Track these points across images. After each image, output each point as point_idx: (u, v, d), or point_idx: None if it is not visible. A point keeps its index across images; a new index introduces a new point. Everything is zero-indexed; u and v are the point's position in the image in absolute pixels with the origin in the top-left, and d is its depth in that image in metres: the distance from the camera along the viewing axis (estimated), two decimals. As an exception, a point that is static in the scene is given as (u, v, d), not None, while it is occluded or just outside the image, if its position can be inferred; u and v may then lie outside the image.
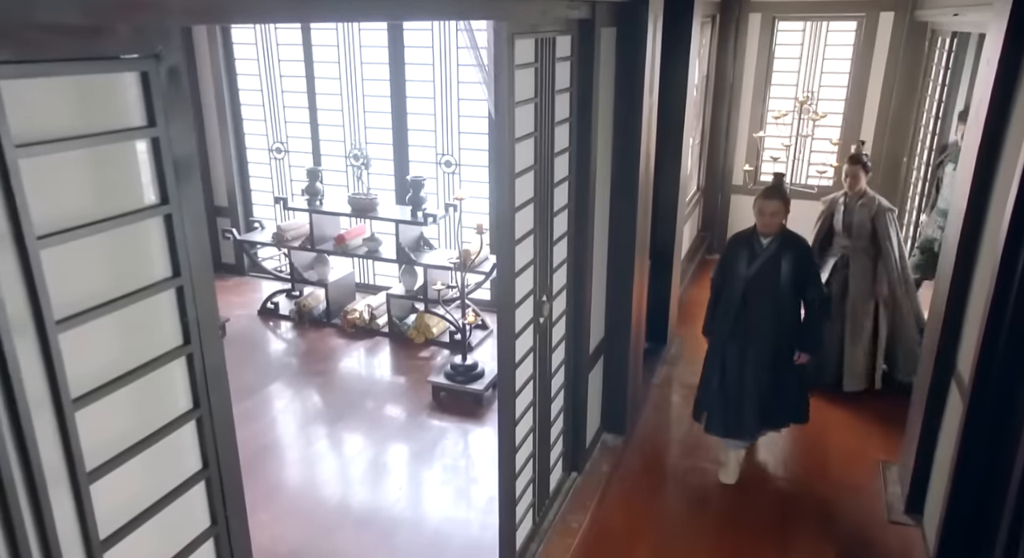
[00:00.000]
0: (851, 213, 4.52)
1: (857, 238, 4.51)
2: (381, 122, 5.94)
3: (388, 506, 3.75)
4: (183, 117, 1.23)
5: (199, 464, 1.35)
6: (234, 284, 6.63)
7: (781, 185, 4.50)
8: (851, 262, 4.57)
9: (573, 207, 3.33)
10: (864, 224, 4.46)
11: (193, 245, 1.28)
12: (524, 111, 2.70)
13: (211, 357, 1.32)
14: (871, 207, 4.46)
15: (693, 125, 5.80)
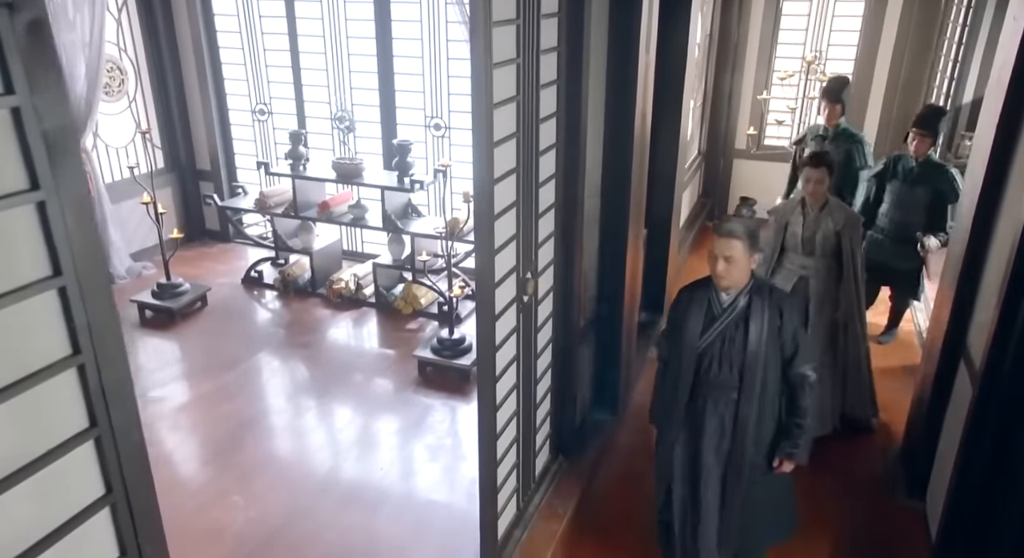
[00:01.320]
0: (812, 225, 3.66)
1: (820, 256, 3.68)
2: (367, 82, 5.67)
3: (370, 486, 3.61)
4: (51, 81, 1.01)
5: (101, 489, 1.17)
6: (218, 251, 6.43)
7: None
8: (811, 286, 3.72)
9: (561, 177, 3.10)
10: (828, 239, 3.63)
11: (76, 236, 1.08)
12: (504, 73, 2.46)
13: (110, 367, 1.13)
14: (837, 218, 3.62)
15: (694, 87, 5.53)
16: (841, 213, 3.65)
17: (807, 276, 3.73)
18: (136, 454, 1.18)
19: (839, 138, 4.74)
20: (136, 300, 5.17)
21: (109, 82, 5.65)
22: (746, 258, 2.46)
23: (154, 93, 6.05)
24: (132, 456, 1.18)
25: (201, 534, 3.25)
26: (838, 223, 3.62)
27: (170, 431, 4.05)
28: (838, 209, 3.66)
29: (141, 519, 1.20)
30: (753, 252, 2.48)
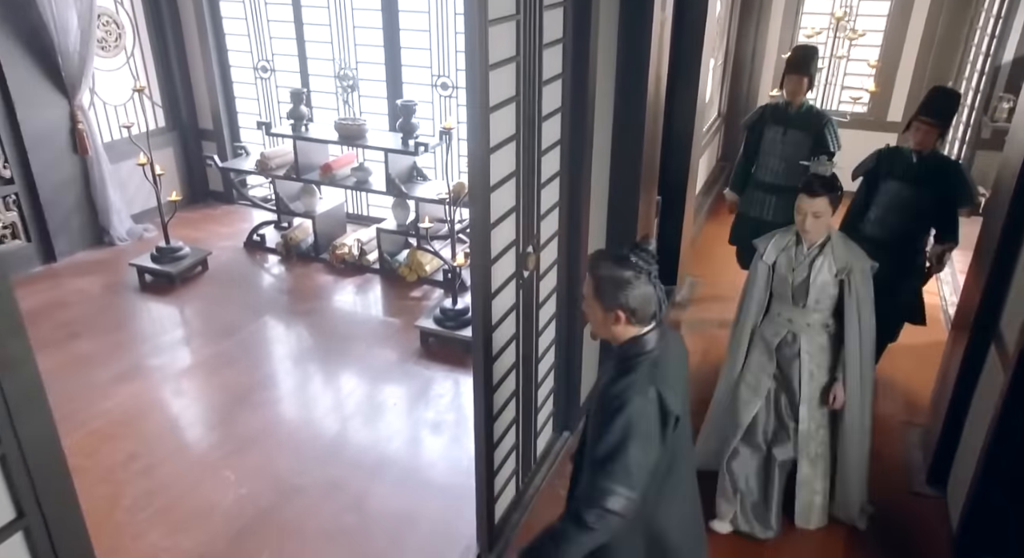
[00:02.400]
0: (805, 267, 2.77)
1: (813, 310, 2.81)
2: (372, 39, 5.42)
3: (365, 464, 3.50)
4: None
5: (11, 513, 1.03)
6: (222, 213, 6.28)
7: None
8: (800, 347, 2.87)
9: (566, 144, 2.90)
10: (826, 288, 2.76)
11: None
12: (502, 31, 2.24)
13: (14, 372, 0.98)
14: (840, 259, 2.73)
15: (715, 45, 5.22)
16: (846, 253, 2.74)
17: (794, 333, 2.87)
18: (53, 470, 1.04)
19: (805, 118, 4.05)
20: (135, 264, 5.05)
21: (105, 37, 5.45)
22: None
23: (153, 48, 5.84)
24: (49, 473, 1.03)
25: (191, 511, 3.17)
26: (841, 267, 2.73)
27: (166, 400, 3.96)
28: (842, 248, 2.75)
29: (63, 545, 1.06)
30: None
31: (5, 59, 4.79)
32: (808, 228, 2.70)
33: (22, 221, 5.11)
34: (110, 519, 3.11)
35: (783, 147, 4.10)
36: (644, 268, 1.75)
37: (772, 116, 4.14)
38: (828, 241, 2.76)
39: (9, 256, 5.06)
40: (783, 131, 4.09)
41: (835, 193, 2.67)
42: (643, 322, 1.79)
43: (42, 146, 5.08)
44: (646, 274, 1.76)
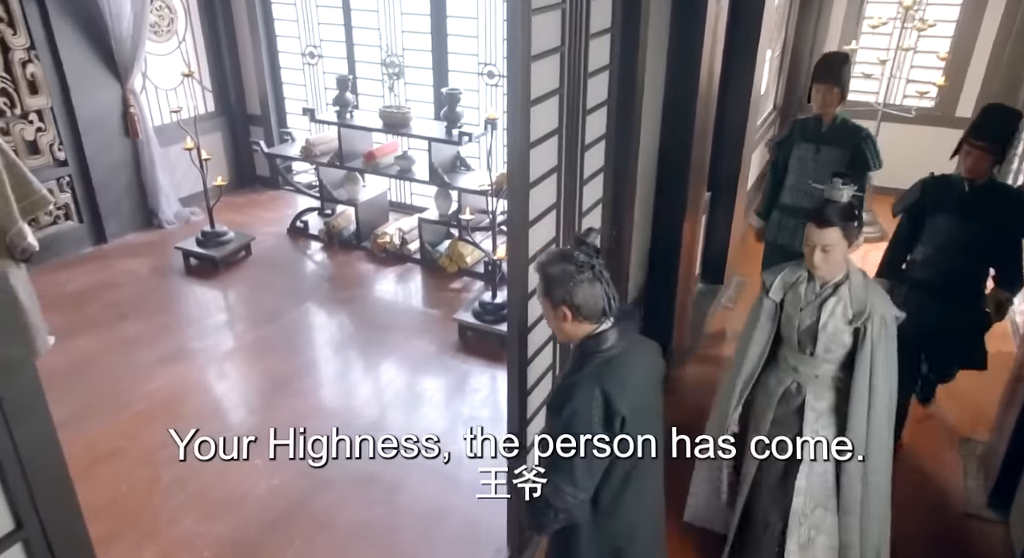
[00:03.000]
0: (815, 308, 2.37)
1: (822, 360, 2.40)
2: (419, 25, 5.35)
3: (394, 460, 3.45)
4: None
5: (9, 524, 0.99)
6: (267, 198, 6.33)
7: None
8: (804, 401, 2.45)
9: (612, 138, 2.78)
10: (837, 336, 2.34)
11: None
12: (547, 20, 2.14)
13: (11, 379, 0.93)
14: (860, 300, 2.31)
15: (773, 36, 5.02)
16: (865, 296, 2.30)
17: (800, 384, 2.44)
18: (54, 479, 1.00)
19: (840, 133, 3.56)
20: (181, 247, 5.11)
21: (158, 21, 5.50)
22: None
23: (204, 33, 5.89)
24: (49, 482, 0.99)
25: (225, 497, 3.18)
26: (858, 312, 2.30)
27: (207, 384, 4.00)
28: (862, 290, 2.31)
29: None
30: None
31: (62, 45, 4.88)
32: (817, 264, 2.27)
33: (75, 203, 5.22)
34: (148, 503, 3.14)
35: (816, 166, 3.53)
36: (586, 262, 1.71)
37: (802, 133, 3.63)
38: (846, 281, 2.33)
39: (62, 237, 5.18)
40: (815, 149, 3.56)
41: (850, 223, 2.25)
42: (592, 319, 1.75)
43: (95, 130, 5.16)
44: (589, 268, 1.71)
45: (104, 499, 3.15)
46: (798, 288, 2.39)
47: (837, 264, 2.29)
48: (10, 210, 3.64)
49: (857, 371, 2.32)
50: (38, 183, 3.81)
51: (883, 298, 2.34)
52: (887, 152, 3.63)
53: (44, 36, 4.81)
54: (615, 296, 1.76)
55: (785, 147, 3.70)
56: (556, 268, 1.74)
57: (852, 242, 2.28)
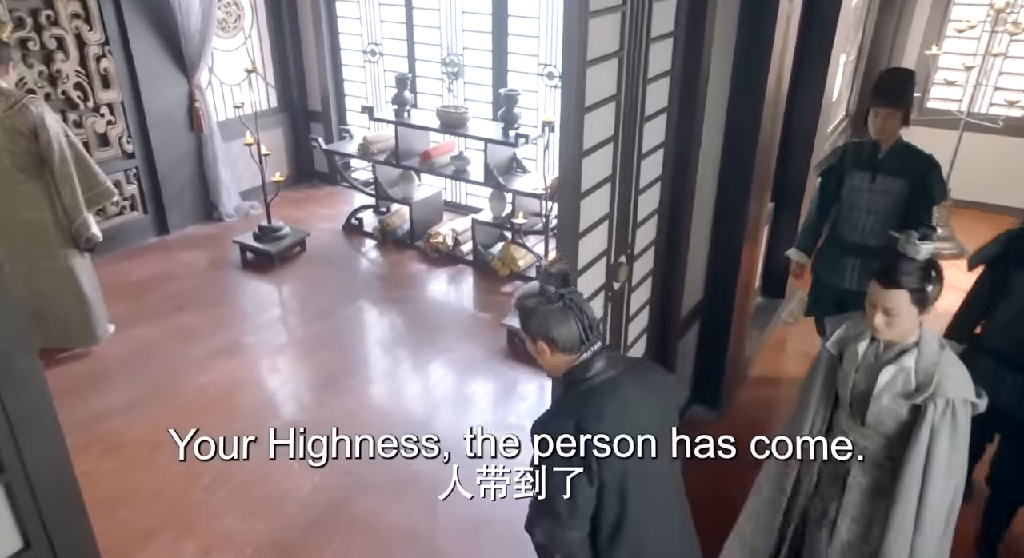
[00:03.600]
0: (872, 371, 2.03)
1: (874, 432, 2.06)
2: (480, 24, 5.30)
3: (435, 466, 3.40)
4: None
5: (18, 543, 0.96)
6: (325, 194, 6.38)
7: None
8: (849, 474, 2.13)
9: (671, 146, 2.66)
10: (893, 410, 1.99)
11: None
12: (605, 23, 2.05)
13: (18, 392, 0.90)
14: (927, 373, 1.94)
15: (848, 38, 4.78)
16: (935, 371, 1.92)
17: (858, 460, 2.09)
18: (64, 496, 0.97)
19: (901, 161, 3.08)
20: (238, 241, 5.19)
21: (225, 18, 5.60)
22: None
23: (269, 30, 5.97)
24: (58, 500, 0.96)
25: (266, 495, 3.19)
26: (922, 384, 1.93)
27: (257, 379, 4.03)
28: (932, 361, 1.94)
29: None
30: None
31: (134, 40, 5.01)
32: (878, 327, 1.92)
33: (140, 194, 5.35)
34: (189, 497, 3.17)
35: (871, 197, 3.15)
36: (554, 294, 1.66)
37: (855, 159, 3.19)
38: (914, 348, 1.96)
39: (128, 227, 5.32)
40: (870, 178, 3.13)
41: (922, 289, 1.86)
42: (570, 351, 1.68)
43: (162, 123, 5.29)
44: (558, 299, 1.66)
45: (148, 491, 3.20)
46: (857, 345, 2.06)
47: (904, 330, 1.94)
48: (76, 201, 3.74)
49: (908, 458, 1.93)
50: (103, 175, 3.91)
51: (958, 376, 1.95)
52: (970, 164, 3.38)
53: (118, 32, 4.94)
54: (592, 323, 1.69)
55: (834, 175, 3.26)
56: (530, 302, 1.70)
57: (926, 308, 1.92)
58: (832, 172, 3.28)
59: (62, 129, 3.70)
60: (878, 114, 3.00)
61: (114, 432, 3.55)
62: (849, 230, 3.24)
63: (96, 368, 4.02)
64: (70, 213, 3.74)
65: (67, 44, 4.73)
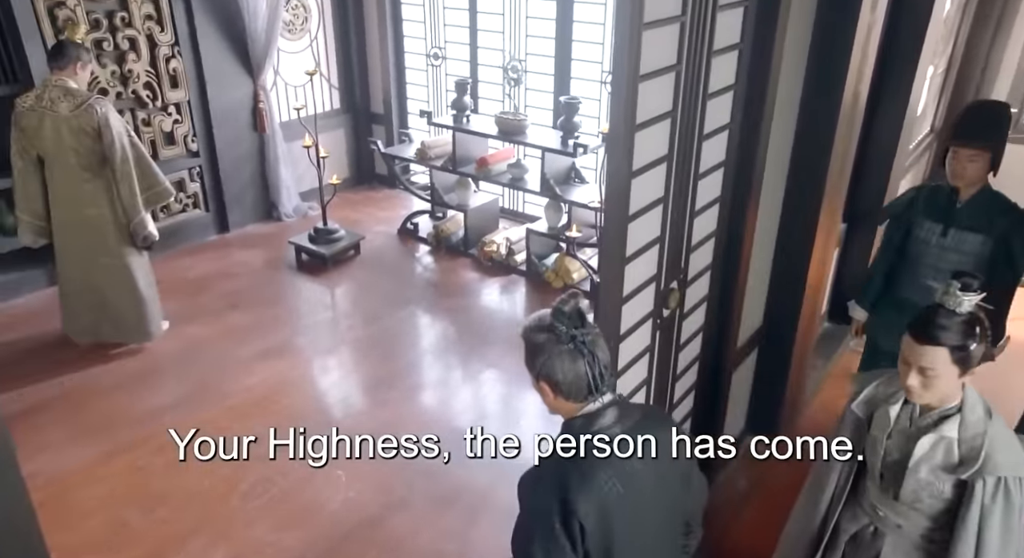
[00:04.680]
0: (907, 439, 1.78)
1: (910, 507, 1.81)
2: (544, 29, 5.18)
3: (476, 485, 3.30)
4: None
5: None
6: (383, 197, 6.37)
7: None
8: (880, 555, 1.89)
9: (731, 166, 2.49)
10: (934, 484, 1.73)
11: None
12: (660, 35, 1.90)
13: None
14: (973, 444, 1.69)
15: (937, 49, 4.45)
16: (983, 442, 1.67)
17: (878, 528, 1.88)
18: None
19: (984, 213, 2.60)
20: (293, 242, 5.21)
21: (292, 20, 5.65)
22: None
23: (335, 32, 6.00)
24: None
25: (300, 507, 3.15)
26: (967, 457, 1.68)
27: (302, 383, 4.01)
28: (979, 432, 1.69)
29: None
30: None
31: (203, 41, 5.09)
32: (912, 387, 1.68)
33: (203, 192, 5.44)
34: (226, 503, 3.16)
35: (939, 254, 2.68)
36: (564, 333, 1.45)
37: (927, 206, 2.73)
38: (956, 413, 1.71)
39: (189, 224, 5.42)
40: (942, 229, 2.66)
41: (964, 346, 1.62)
42: (575, 398, 1.51)
43: (226, 123, 5.36)
44: (569, 340, 1.45)
45: (187, 493, 3.20)
46: (889, 407, 1.79)
47: (942, 394, 1.69)
48: (134, 200, 3.80)
49: (956, 542, 1.69)
50: (162, 176, 3.96)
51: (1011, 449, 1.68)
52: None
53: (187, 33, 5.03)
54: (604, 372, 1.49)
55: (902, 221, 2.81)
56: (538, 337, 1.50)
57: (968, 369, 1.66)
58: (899, 220, 2.82)
59: (125, 129, 3.76)
60: (959, 155, 2.53)
61: (163, 430, 3.57)
62: (911, 289, 2.75)
63: (148, 364, 4.08)
64: (128, 212, 3.80)
65: (139, 45, 4.83)
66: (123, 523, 3.06)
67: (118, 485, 3.25)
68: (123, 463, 3.37)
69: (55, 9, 4.38)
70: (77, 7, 4.46)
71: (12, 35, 4.26)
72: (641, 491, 1.49)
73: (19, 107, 3.65)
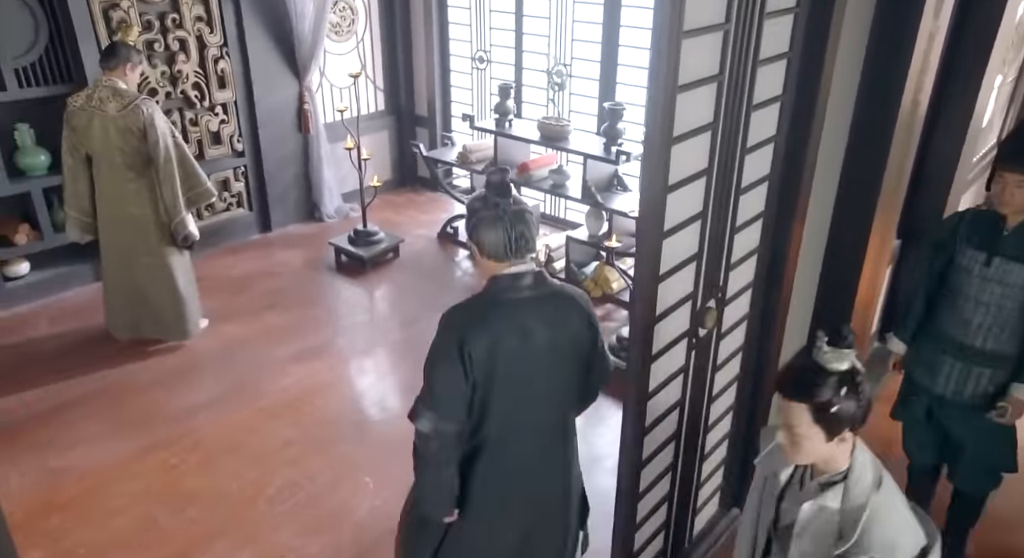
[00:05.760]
0: (796, 505, 1.66)
1: None
2: (590, 34, 5.08)
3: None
4: None
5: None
6: (425, 199, 6.36)
7: None
8: None
9: (776, 179, 2.37)
10: (821, 550, 1.60)
11: None
12: (701, 43, 1.80)
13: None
14: (852, 518, 1.55)
15: (1006, 58, 4.22)
16: (862, 517, 1.53)
17: None
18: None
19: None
20: (333, 243, 5.22)
21: (339, 22, 5.67)
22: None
23: (381, 34, 6.00)
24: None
25: (326, 513, 3.12)
26: (846, 532, 1.54)
27: (334, 387, 4.00)
28: (861, 504, 1.55)
29: None
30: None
31: (251, 43, 5.14)
32: (784, 446, 1.58)
33: (247, 192, 5.50)
34: (253, 507, 3.15)
35: (981, 285, 2.43)
36: (489, 201, 1.79)
37: (970, 232, 2.47)
38: (842, 481, 1.58)
39: (233, 223, 5.48)
40: (986, 258, 2.41)
41: (825, 406, 1.49)
42: (496, 258, 1.81)
43: (271, 124, 5.41)
44: (493, 207, 1.78)
45: (217, 493, 3.21)
46: (781, 468, 1.68)
47: (815, 455, 1.56)
48: (176, 200, 3.84)
49: None
50: (204, 176, 4.00)
51: (889, 525, 1.52)
52: None
53: (236, 34, 5.08)
54: (520, 238, 1.78)
55: (945, 248, 2.56)
56: (474, 204, 1.84)
57: (834, 432, 1.51)
58: (942, 247, 2.58)
59: (170, 130, 3.80)
60: (1006, 180, 2.29)
61: (197, 428, 3.61)
62: (951, 322, 2.54)
63: (186, 362, 4.12)
64: (170, 211, 3.84)
65: (189, 46, 4.90)
66: (152, 521, 3.08)
67: (151, 482, 3.28)
68: (156, 460, 3.41)
69: (110, 11, 4.47)
70: (131, 9, 4.55)
71: (69, 37, 4.36)
72: (532, 348, 1.81)
73: (70, 106, 3.72)
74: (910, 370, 2.75)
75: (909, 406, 2.78)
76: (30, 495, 3.18)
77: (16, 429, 3.57)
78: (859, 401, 1.51)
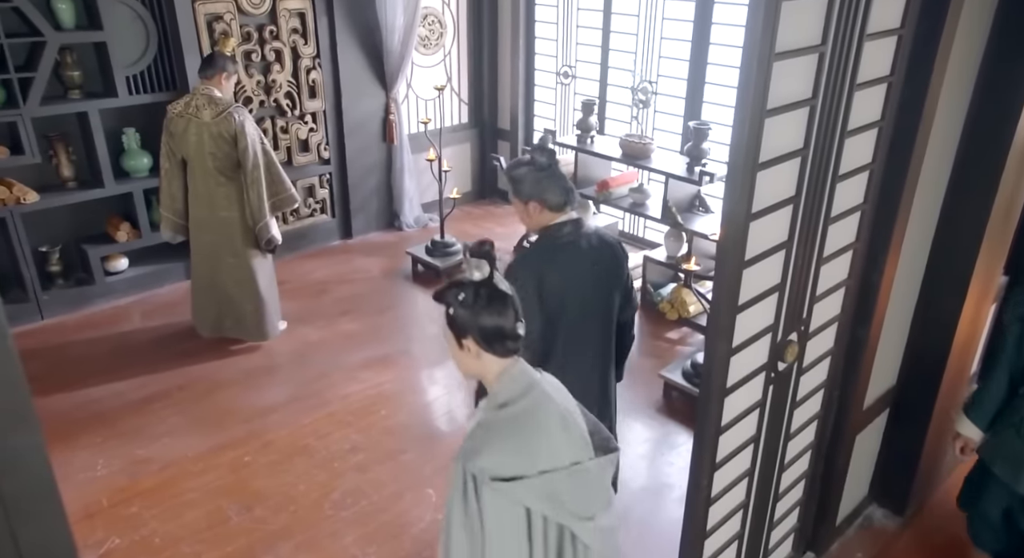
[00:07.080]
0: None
1: None
2: (678, 51, 4.99)
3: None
4: None
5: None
6: (504, 212, 6.36)
7: None
8: None
9: (871, 210, 2.23)
10: None
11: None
12: (793, 66, 1.71)
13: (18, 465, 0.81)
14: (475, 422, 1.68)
15: None
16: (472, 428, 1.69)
17: None
18: None
19: None
20: (411, 253, 5.29)
21: (428, 35, 5.77)
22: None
23: (468, 48, 6.07)
24: None
25: (387, 523, 3.14)
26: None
27: (402, 396, 4.03)
28: (479, 414, 1.71)
29: None
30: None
31: (342, 54, 5.29)
32: None
33: (331, 199, 5.65)
34: (318, 510, 3.20)
35: None
36: (543, 162, 2.20)
37: None
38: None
39: (317, 229, 5.64)
40: None
41: (447, 311, 1.63)
42: (557, 208, 2.23)
43: (357, 133, 5.54)
44: (546, 166, 2.20)
45: (282, 495, 3.27)
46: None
47: (459, 367, 1.73)
48: (261, 205, 3.96)
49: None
50: (289, 183, 4.12)
51: (487, 444, 1.58)
52: None
53: (329, 46, 5.24)
54: (573, 190, 2.26)
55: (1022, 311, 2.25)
56: (520, 171, 2.23)
57: (458, 344, 1.65)
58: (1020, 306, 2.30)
59: (259, 137, 3.94)
60: None
61: (269, 429, 3.70)
62: None
63: (263, 363, 4.24)
64: (255, 215, 3.97)
65: (284, 56, 5.08)
66: (222, 516, 3.16)
67: (223, 478, 3.37)
68: (230, 457, 3.50)
69: (213, 23, 4.69)
70: (232, 21, 4.75)
71: (175, 47, 4.60)
72: (587, 276, 2.26)
73: (170, 113, 3.91)
74: (990, 462, 2.43)
75: (983, 501, 2.50)
76: (115, 482, 3.33)
77: (107, 417, 3.75)
78: (475, 311, 1.54)
